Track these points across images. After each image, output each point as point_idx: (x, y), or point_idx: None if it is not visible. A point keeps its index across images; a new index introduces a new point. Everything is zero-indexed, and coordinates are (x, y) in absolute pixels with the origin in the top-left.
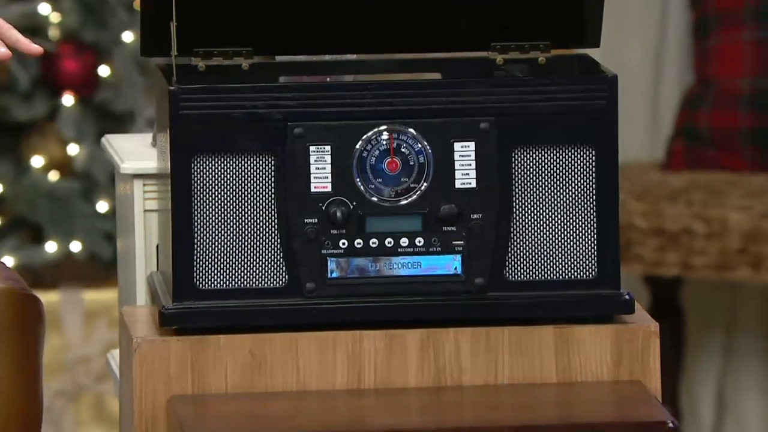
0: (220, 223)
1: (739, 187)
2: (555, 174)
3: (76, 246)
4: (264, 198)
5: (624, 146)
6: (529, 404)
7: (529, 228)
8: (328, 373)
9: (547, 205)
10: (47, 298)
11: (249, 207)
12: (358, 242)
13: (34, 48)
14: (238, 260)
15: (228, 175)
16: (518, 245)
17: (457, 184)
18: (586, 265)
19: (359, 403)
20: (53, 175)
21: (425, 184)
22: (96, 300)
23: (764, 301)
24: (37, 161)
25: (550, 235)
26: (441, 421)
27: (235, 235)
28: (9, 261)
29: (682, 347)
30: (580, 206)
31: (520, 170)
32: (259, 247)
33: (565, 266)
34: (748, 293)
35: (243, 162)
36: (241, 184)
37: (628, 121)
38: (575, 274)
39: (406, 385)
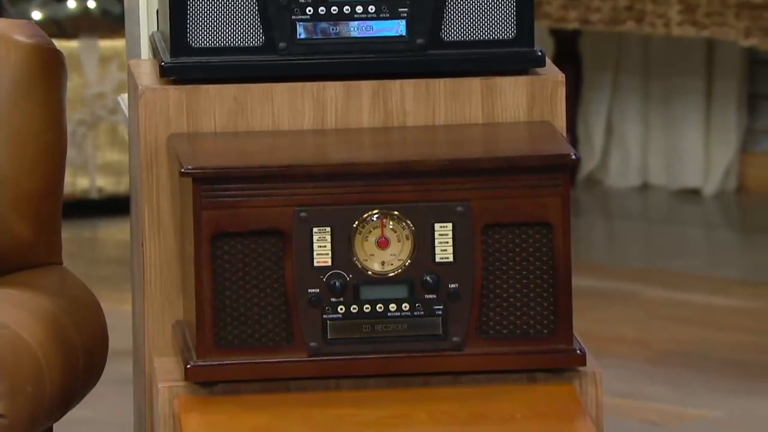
0: None
1: None
2: None
3: (92, 3)
4: None
5: None
6: (460, 141)
7: None
8: (298, 116)
9: None
10: (69, 45)
11: None
12: (322, 9)
13: None
14: (223, 23)
15: None
16: (452, 11)
17: None
18: (506, 26)
19: (323, 140)
20: None
21: None
22: (109, 47)
23: (644, 48)
24: None
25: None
26: (390, 154)
27: (221, 3)
28: (37, 15)
29: (580, 86)
30: None
31: None
32: (240, 13)
33: (489, 28)
34: (632, 42)
35: None
36: None
37: None
38: (498, 34)
39: (361, 126)
